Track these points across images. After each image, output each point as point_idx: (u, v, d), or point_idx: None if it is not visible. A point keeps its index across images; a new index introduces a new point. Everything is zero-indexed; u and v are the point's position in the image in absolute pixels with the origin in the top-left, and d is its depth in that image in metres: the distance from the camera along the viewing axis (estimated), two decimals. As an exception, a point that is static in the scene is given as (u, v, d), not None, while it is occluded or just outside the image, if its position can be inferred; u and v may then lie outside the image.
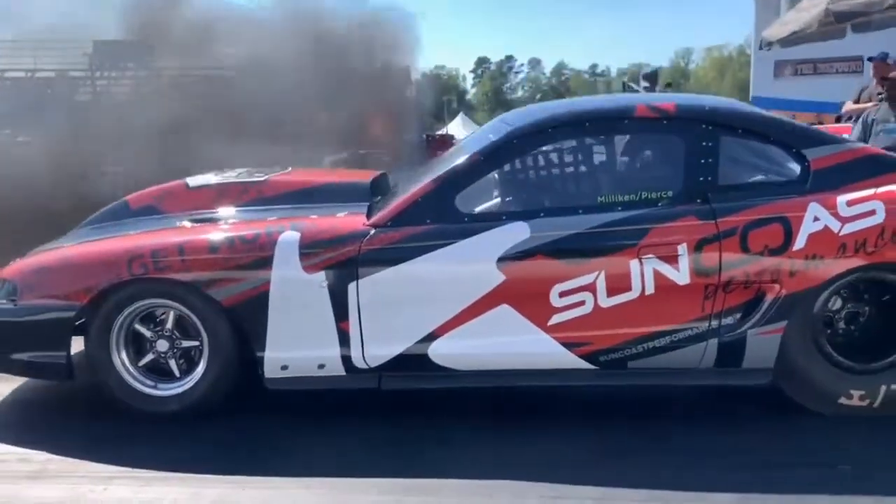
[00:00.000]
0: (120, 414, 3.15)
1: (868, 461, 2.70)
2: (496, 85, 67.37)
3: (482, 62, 65.61)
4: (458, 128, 30.32)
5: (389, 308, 3.02)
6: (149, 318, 3.17)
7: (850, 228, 2.91)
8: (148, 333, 3.15)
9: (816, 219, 2.93)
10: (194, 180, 3.82)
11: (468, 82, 66.83)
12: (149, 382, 3.17)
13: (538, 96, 66.12)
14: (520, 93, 69.52)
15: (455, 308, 3.01)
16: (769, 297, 2.94)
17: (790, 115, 14.20)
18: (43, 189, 7.16)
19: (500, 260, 2.97)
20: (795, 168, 3.08)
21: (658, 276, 2.95)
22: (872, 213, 2.92)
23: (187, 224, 3.40)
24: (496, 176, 3.26)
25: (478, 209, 3.17)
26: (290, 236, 3.04)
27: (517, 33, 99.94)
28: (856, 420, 3.00)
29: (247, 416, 3.19)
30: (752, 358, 3.00)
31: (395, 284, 3.01)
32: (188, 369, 3.17)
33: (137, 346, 3.18)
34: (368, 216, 3.20)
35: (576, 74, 68.06)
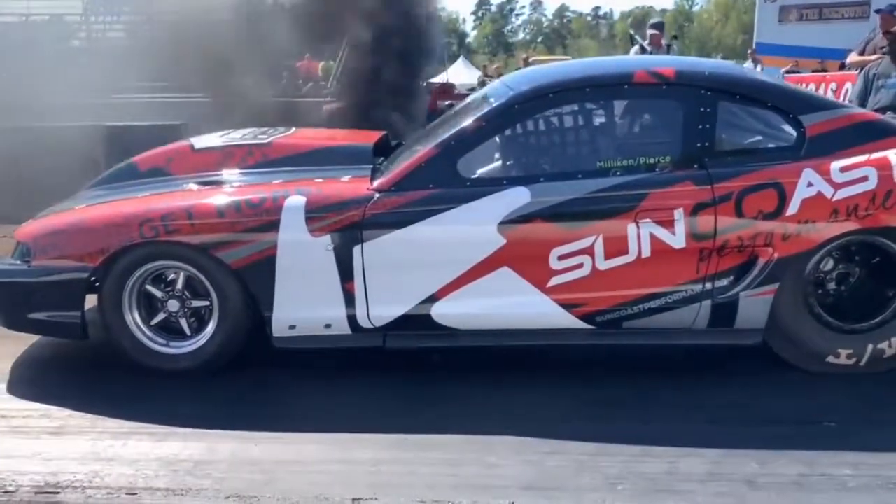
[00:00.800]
0: (134, 371, 3.26)
1: (852, 418, 2.83)
2: (497, 27, 66.19)
3: (483, 4, 64.34)
4: (458, 72, 29.96)
5: (393, 270, 3.12)
6: (159, 279, 3.26)
7: (842, 194, 2.98)
8: (159, 294, 3.25)
9: (810, 184, 3.00)
10: (199, 142, 3.87)
11: (468, 25, 65.57)
12: (160, 341, 3.28)
13: (540, 38, 65.13)
14: (521, 35, 68.41)
15: (457, 270, 3.10)
16: (762, 261, 3.03)
17: (793, 62, 14.03)
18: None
19: (501, 224, 3.05)
20: (791, 133, 3.13)
21: (654, 239, 3.04)
22: (865, 178, 2.99)
23: (194, 187, 3.46)
24: (498, 140, 3.31)
25: (479, 173, 3.24)
26: (296, 200, 3.11)
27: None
28: (841, 378, 3.12)
29: (257, 373, 3.31)
30: (744, 319, 3.11)
31: (398, 247, 3.09)
32: (199, 328, 3.27)
33: (149, 306, 3.28)
34: (372, 180, 3.26)
35: (578, 17, 66.84)
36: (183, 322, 3.28)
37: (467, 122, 3.26)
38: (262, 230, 3.09)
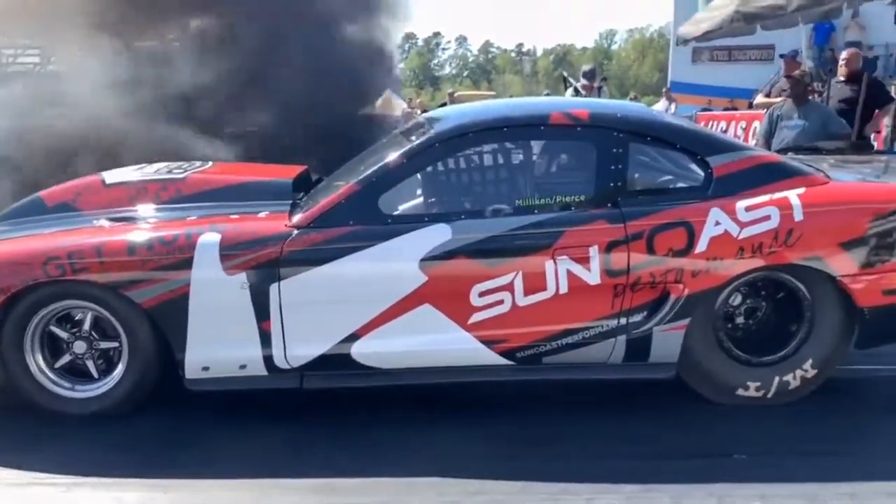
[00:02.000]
0: (36, 416, 3.11)
1: (761, 450, 2.91)
2: (423, 61, 66.96)
3: (409, 37, 65.06)
4: (385, 103, 30.15)
5: (312, 308, 3.07)
6: (65, 319, 3.12)
7: (747, 232, 3.11)
8: (64, 335, 3.11)
9: (717, 223, 3.12)
10: (111, 176, 3.74)
11: (395, 57, 66.06)
12: (66, 384, 3.14)
13: (465, 73, 66.22)
14: (447, 69, 69.38)
15: (378, 308, 3.08)
16: (673, 297, 3.13)
17: (706, 100, 14.69)
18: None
19: (423, 260, 3.05)
20: (699, 174, 3.26)
21: (571, 276, 3.09)
22: (768, 217, 3.13)
23: (105, 223, 3.35)
24: (419, 177, 3.33)
25: (400, 210, 3.24)
26: (210, 238, 3.04)
27: (443, 11, 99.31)
28: (747, 410, 3.22)
29: (167, 416, 3.19)
30: (658, 353, 3.19)
31: (317, 285, 3.05)
32: (107, 369, 3.15)
33: (53, 347, 3.13)
34: (291, 216, 3.22)
35: (502, 53, 68.37)
36: (90, 364, 3.14)
37: (388, 159, 3.27)
38: (174, 268, 3.01)
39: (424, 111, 16.73)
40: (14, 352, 3.07)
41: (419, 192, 3.38)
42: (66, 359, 3.13)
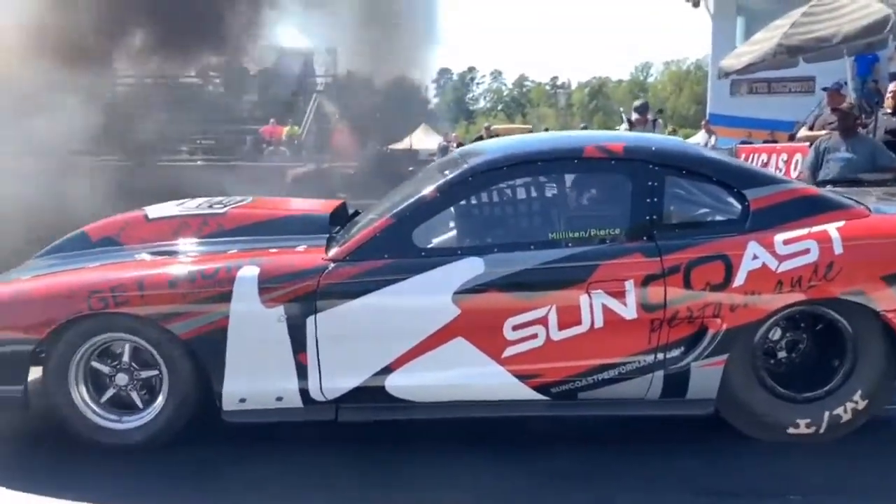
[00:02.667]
0: (68, 444, 3.15)
1: (817, 489, 2.83)
2: (458, 95, 67.68)
3: (444, 72, 65.91)
4: (419, 138, 30.47)
5: (347, 341, 3.09)
6: (106, 354, 3.18)
7: (786, 266, 3.07)
8: (106, 369, 3.17)
9: (755, 257, 3.08)
10: (154, 211, 3.84)
11: (430, 92, 66.95)
12: (113, 417, 3.18)
13: (500, 107, 66.71)
14: (482, 103, 70.00)
15: (411, 341, 3.09)
16: (711, 331, 3.08)
17: (746, 132, 14.63)
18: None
19: (456, 294, 3.06)
20: (736, 207, 3.23)
21: (606, 310, 3.07)
22: (807, 251, 3.08)
23: (147, 257, 3.43)
24: (452, 211, 3.36)
25: (434, 244, 3.27)
26: (249, 271, 3.09)
27: (479, 46, 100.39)
28: (798, 446, 3.14)
29: (200, 447, 3.21)
30: (696, 389, 3.14)
31: (352, 318, 3.08)
32: (151, 399, 3.19)
33: (97, 381, 3.18)
34: (327, 250, 3.27)
35: (537, 86, 68.77)
36: (134, 394, 3.19)
37: (422, 193, 3.30)
38: (214, 301, 3.06)
39: (460, 144, 16.90)
40: (59, 384, 3.12)
41: (452, 225, 3.40)
42: (110, 392, 3.18)
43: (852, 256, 3.07)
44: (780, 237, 3.11)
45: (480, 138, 13.46)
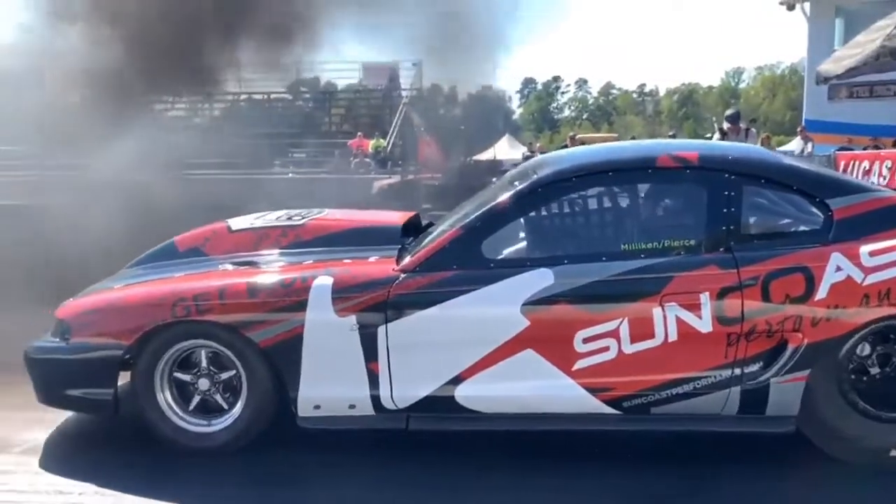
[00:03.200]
0: (152, 446, 3.29)
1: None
2: (542, 105, 67.39)
3: (528, 82, 65.79)
4: (504, 148, 30.48)
5: (417, 351, 3.13)
6: (187, 363, 3.32)
7: (873, 279, 2.92)
8: (188, 377, 3.31)
9: (839, 269, 2.95)
10: (236, 223, 4.00)
11: (514, 103, 66.97)
12: (202, 422, 3.31)
13: (585, 115, 65.98)
14: (566, 112, 69.43)
15: (480, 352, 3.10)
16: (791, 346, 2.97)
17: (845, 139, 13.99)
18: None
19: (525, 305, 3.06)
20: (818, 217, 3.10)
21: (681, 323, 3.00)
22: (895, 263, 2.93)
23: (229, 267, 3.57)
24: (522, 222, 3.36)
25: (503, 255, 3.27)
26: (323, 281, 3.18)
27: (564, 55, 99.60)
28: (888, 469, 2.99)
29: (277, 451, 3.30)
30: (776, 406, 3.03)
31: (422, 328, 3.11)
32: (234, 400, 3.29)
33: (182, 390, 3.32)
34: (398, 261, 3.32)
35: (623, 94, 67.67)
36: (218, 397, 3.31)
37: (491, 204, 3.31)
38: (290, 310, 3.15)
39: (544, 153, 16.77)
40: (146, 389, 3.28)
41: (522, 237, 3.39)
42: (196, 399, 3.32)
43: (946, 268, 2.90)
44: (866, 248, 2.96)
45: (565, 148, 13.38)
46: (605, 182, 3.33)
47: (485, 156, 21.79)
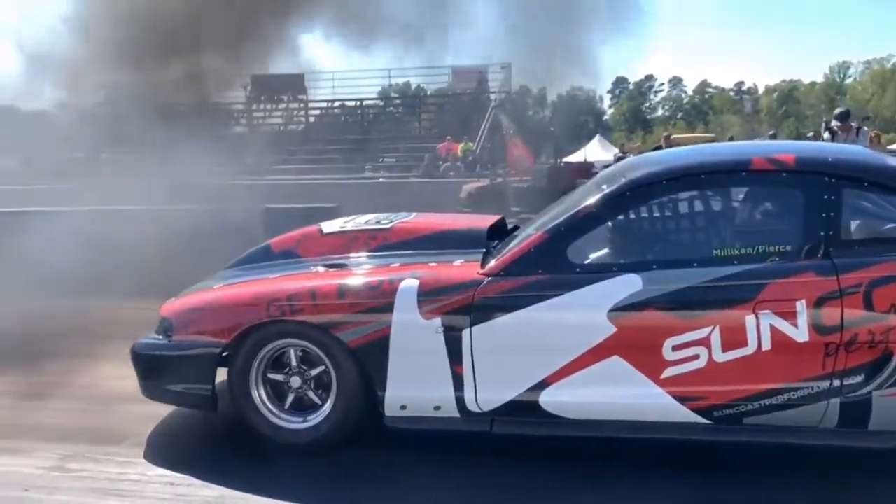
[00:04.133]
0: (249, 441, 3.41)
1: None
2: (634, 105, 66.01)
3: (620, 82, 64.53)
4: (594, 149, 30.05)
5: (501, 355, 3.14)
6: (277, 363, 3.42)
7: None
8: (280, 377, 3.42)
9: (950, 277, 2.78)
10: (327, 226, 4.12)
11: (605, 103, 65.90)
12: (297, 419, 3.41)
13: (679, 115, 64.23)
14: (659, 112, 67.78)
15: (566, 357, 3.08)
16: (897, 358, 2.82)
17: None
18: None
19: (612, 311, 3.02)
20: (925, 221, 2.94)
21: (775, 332, 2.90)
22: None
23: (320, 269, 3.68)
24: (609, 226, 3.31)
25: (590, 260, 3.24)
26: (410, 284, 3.23)
27: (658, 53, 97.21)
28: None
29: (367, 449, 3.37)
30: (879, 420, 2.88)
31: (506, 332, 3.12)
32: (326, 395, 3.37)
33: (275, 388, 3.44)
34: (483, 264, 3.34)
35: (720, 92, 65.47)
36: (311, 394, 3.41)
37: (579, 207, 3.29)
38: (378, 311, 3.22)
39: (641, 153, 16.53)
40: (242, 386, 3.41)
41: (609, 241, 3.35)
42: (291, 397, 3.42)
43: None
44: (980, 255, 2.78)
45: (659, 148, 13.08)
46: (697, 185, 3.25)
47: (575, 157, 21.53)
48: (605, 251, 3.32)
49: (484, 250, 3.58)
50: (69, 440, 3.59)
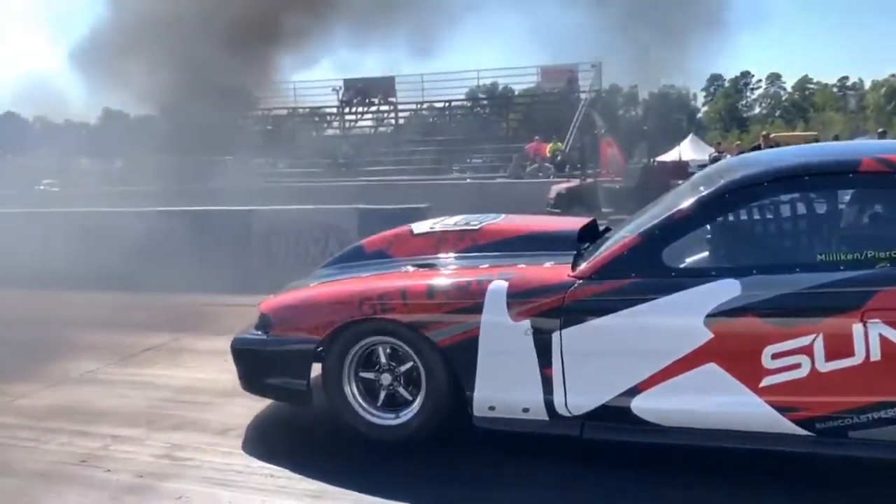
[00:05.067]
0: (343, 436, 3.50)
1: None
2: (730, 103, 63.79)
3: (715, 79, 62.51)
4: (687, 148, 29.19)
5: (592, 359, 3.11)
6: (368, 362, 3.49)
7: None
8: (371, 375, 3.49)
9: None
10: (418, 227, 4.18)
11: (699, 101, 63.97)
12: (389, 416, 3.47)
13: (777, 112, 61.73)
14: (756, 110, 65.29)
15: (659, 363, 3.02)
16: None
17: None
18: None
19: (709, 317, 2.94)
20: None
21: (885, 342, 2.76)
22: None
23: (410, 269, 3.73)
24: (707, 229, 3.22)
25: (686, 263, 3.16)
26: (499, 285, 3.24)
27: (754, 50, 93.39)
28: None
29: (461, 448, 3.40)
30: None
31: (598, 336, 3.09)
32: (416, 392, 3.42)
33: (367, 386, 3.50)
34: (574, 266, 3.31)
35: (822, 89, 62.45)
36: (401, 390, 3.46)
37: (674, 210, 3.21)
38: (467, 312, 3.24)
39: (741, 153, 16.01)
40: (335, 382, 3.50)
41: (706, 245, 3.25)
42: (383, 395, 3.49)
43: None
44: None
45: (757, 147, 12.63)
46: (800, 187, 3.12)
47: (668, 157, 21.00)
48: (702, 255, 3.23)
49: (575, 252, 3.54)
50: (178, 430, 3.77)
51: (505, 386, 3.24)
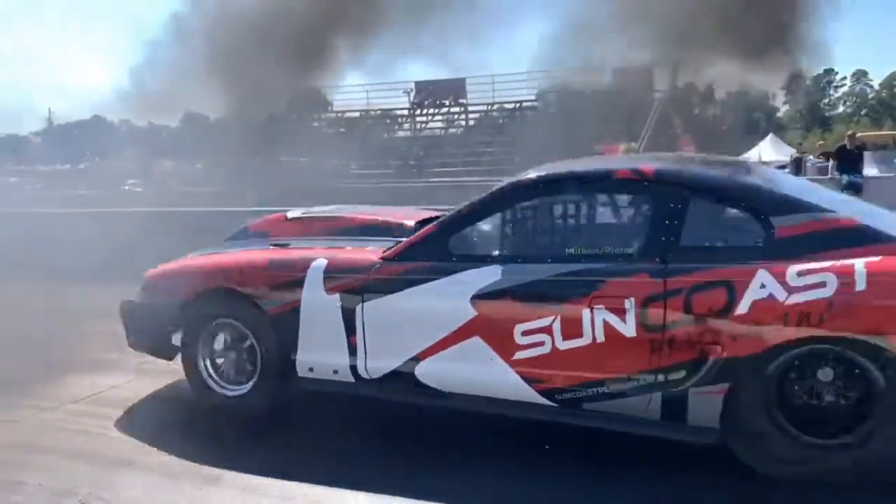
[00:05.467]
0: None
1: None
2: (811, 101, 61.44)
3: (795, 77, 60.24)
4: (767, 148, 28.40)
5: (386, 330, 3.61)
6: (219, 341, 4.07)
7: (795, 299, 2.87)
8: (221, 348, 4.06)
9: (763, 286, 2.92)
10: (292, 213, 4.74)
11: (779, 100, 61.85)
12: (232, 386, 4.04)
13: (863, 111, 59.11)
14: (840, 108, 62.67)
15: (436, 336, 3.49)
16: (711, 358, 3.00)
17: None
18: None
19: (474, 297, 3.40)
20: (760, 234, 3.07)
21: (607, 326, 3.17)
22: (822, 285, 2.84)
23: (268, 247, 4.29)
24: (488, 222, 3.67)
25: (465, 251, 3.60)
26: (320, 263, 3.77)
27: (840, 45, 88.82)
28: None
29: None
30: (696, 415, 3.08)
31: (389, 310, 3.59)
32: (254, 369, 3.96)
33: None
34: (387, 251, 3.81)
35: (912, 87, 59.37)
36: (242, 364, 3.99)
37: (465, 204, 3.67)
38: (293, 285, 3.79)
39: (824, 154, 15.66)
40: (190, 356, 4.09)
41: (488, 235, 3.69)
42: (220, 360, 4.07)
43: (876, 295, 2.76)
44: (795, 268, 2.90)
45: (843, 148, 12.43)
46: (565, 190, 3.55)
47: (747, 157, 20.60)
48: (481, 244, 3.68)
49: (395, 239, 4.03)
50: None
51: (320, 350, 3.77)
